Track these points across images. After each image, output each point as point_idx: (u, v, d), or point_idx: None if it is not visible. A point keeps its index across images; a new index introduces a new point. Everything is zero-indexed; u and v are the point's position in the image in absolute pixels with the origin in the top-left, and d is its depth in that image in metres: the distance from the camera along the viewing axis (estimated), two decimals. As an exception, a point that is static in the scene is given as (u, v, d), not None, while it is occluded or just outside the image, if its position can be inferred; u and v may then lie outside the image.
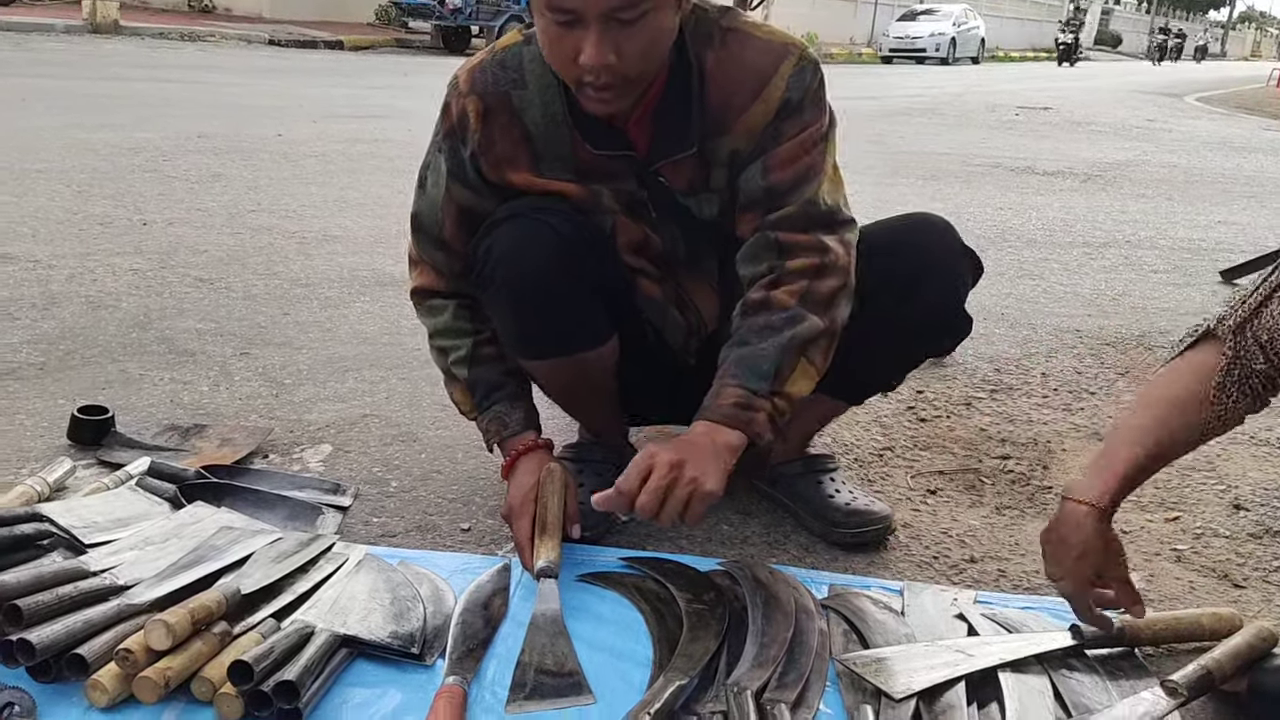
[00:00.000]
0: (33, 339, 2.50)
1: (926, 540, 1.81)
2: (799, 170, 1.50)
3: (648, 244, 1.65)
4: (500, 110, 1.54)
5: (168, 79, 9.24)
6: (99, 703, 1.19)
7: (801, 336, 1.47)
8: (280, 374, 2.40)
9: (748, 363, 1.47)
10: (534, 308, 1.57)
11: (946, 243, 1.66)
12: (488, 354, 1.67)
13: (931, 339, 1.76)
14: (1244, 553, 1.81)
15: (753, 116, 1.50)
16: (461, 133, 1.57)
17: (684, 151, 1.53)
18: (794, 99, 1.49)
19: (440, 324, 1.69)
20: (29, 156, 4.87)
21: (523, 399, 1.70)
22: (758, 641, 1.39)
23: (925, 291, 1.62)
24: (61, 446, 1.92)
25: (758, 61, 1.49)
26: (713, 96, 1.50)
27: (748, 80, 1.49)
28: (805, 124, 1.50)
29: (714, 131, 1.52)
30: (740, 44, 1.50)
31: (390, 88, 10.21)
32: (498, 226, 1.57)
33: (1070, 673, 1.37)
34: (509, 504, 1.62)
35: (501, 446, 1.68)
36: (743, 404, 1.45)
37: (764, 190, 1.52)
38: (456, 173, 1.60)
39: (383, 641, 1.34)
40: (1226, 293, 3.89)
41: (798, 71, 1.49)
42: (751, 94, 1.49)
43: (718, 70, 1.50)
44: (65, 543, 1.47)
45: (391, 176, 5.08)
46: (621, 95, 1.43)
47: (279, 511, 1.69)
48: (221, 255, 3.45)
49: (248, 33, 15.75)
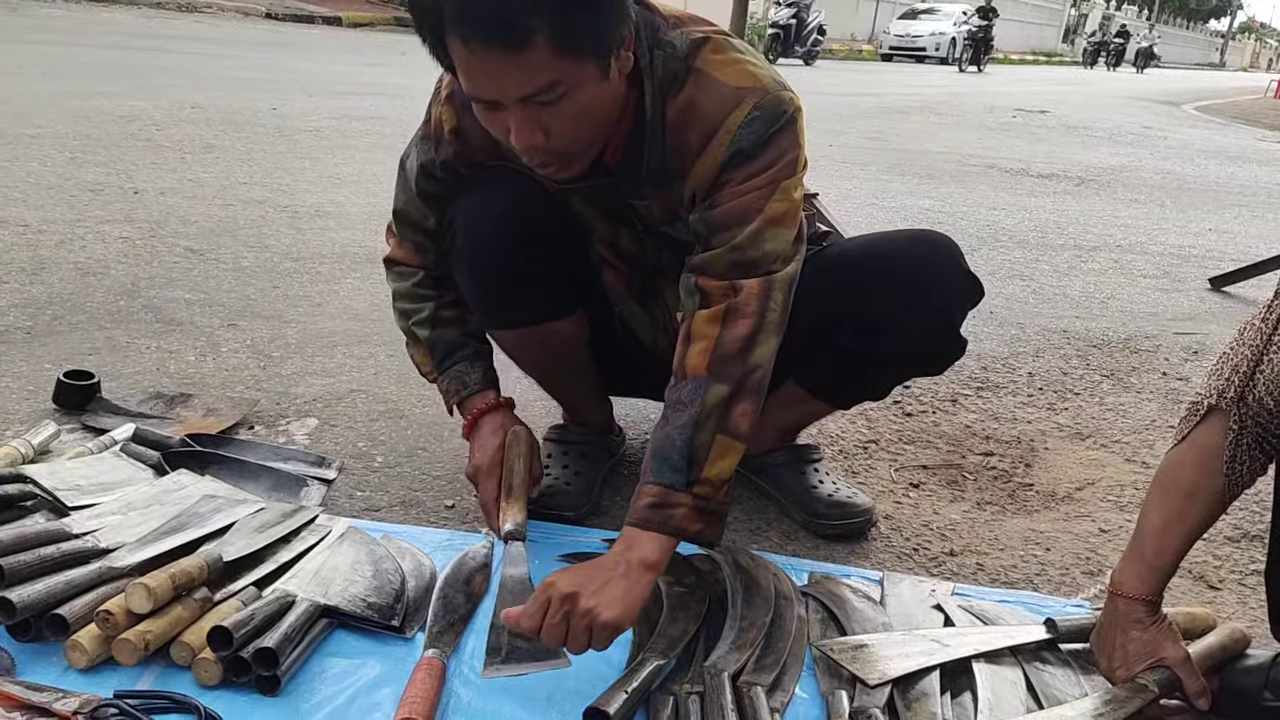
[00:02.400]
0: (20, 303, 2.49)
1: (907, 532, 1.82)
2: (732, 210, 1.41)
3: (617, 241, 1.64)
4: (474, 125, 1.43)
5: (163, 49, 9.18)
6: (78, 663, 1.20)
7: (710, 407, 1.36)
8: (268, 347, 2.40)
9: (661, 454, 1.36)
10: (493, 272, 1.57)
11: (948, 264, 1.61)
12: (448, 316, 1.67)
13: (922, 360, 1.72)
14: (1221, 555, 1.83)
15: (702, 165, 1.42)
16: (436, 140, 1.57)
17: (650, 190, 1.49)
18: (744, 148, 1.40)
19: (403, 289, 1.70)
20: (22, 121, 4.83)
21: (482, 359, 1.70)
22: (736, 625, 1.40)
23: (920, 312, 1.59)
24: (47, 410, 1.91)
25: (710, 111, 1.41)
26: (671, 141, 1.44)
27: (699, 128, 1.41)
28: (754, 171, 1.41)
29: (674, 175, 1.46)
30: (701, 89, 1.42)
31: (387, 65, 10.16)
32: (463, 195, 1.58)
33: (1044, 665, 1.39)
34: (474, 464, 1.62)
35: (461, 407, 1.68)
36: (659, 503, 1.33)
37: (702, 224, 1.44)
38: (427, 169, 1.60)
39: (363, 613, 1.35)
40: (1214, 299, 3.91)
41: (749, 121, 1.39)
42: (700, 143, 1.41)
43: (676, 117, 1.42)
44: (48, 505, 1.47)
45: (386, 154, 5.06)
46: (568, 166, 1.39)
47: (263, 482, 1.69)
48: (212, 226, 3.44)
49: (244, 5, 15.65)
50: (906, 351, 1.66)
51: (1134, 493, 2.05)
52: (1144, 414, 2.54)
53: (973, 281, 1.63)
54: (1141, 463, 2.23)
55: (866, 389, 1.81)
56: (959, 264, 1.61)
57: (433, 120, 1.57)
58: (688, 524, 1.34)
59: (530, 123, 1.29)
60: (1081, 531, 1.88)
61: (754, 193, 1.41)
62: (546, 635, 1.23)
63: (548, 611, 1.23)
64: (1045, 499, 2.04)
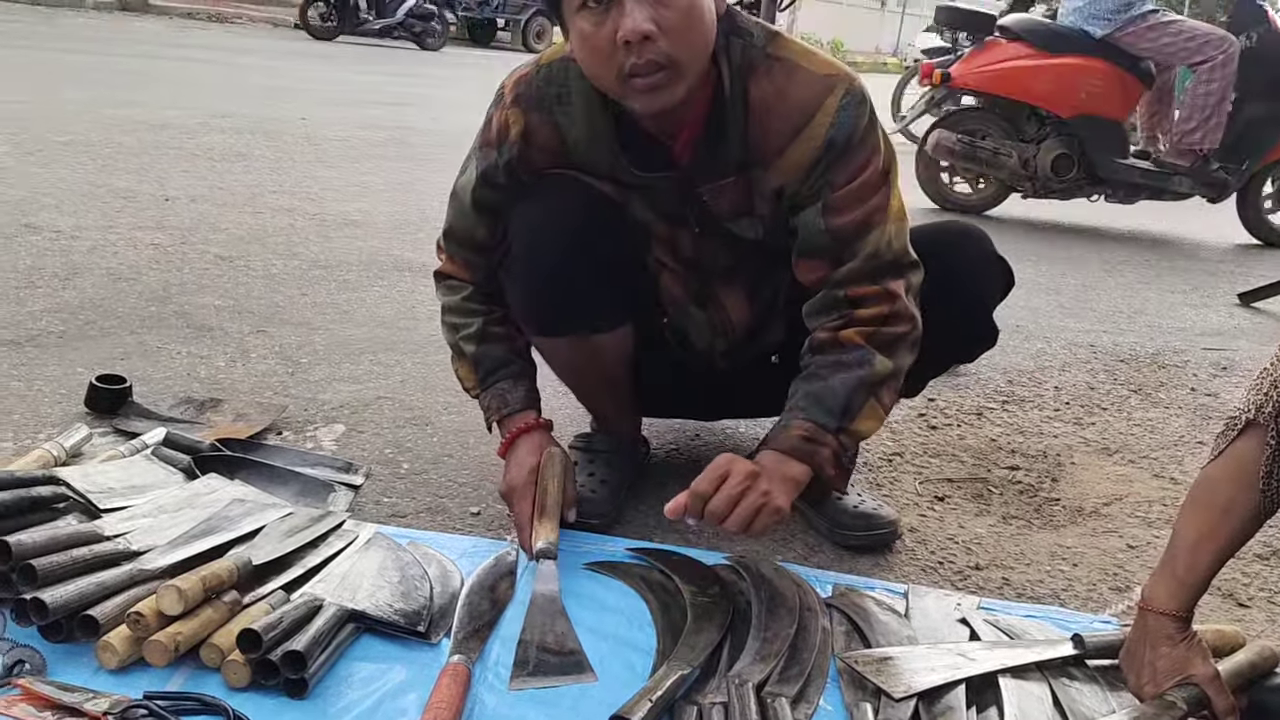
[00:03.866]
0: (53, 308, 2.53)
1: (932, 545, 1.81)
2: (861, 217, 1.48)
3: (677, 245, 1.65)
4: (542, 125, 1.53)
5: (194, 58, 9.29)
6: (109, 664, 1.21)
7: (871, 377, 1.48)
8: (296, 353, 2.42)
9: (817, 398, 1.48)
10: (548, 282, 1.57)
11: (979, 251, 1.66)
12: (496, 333, 1.68)
13: (959, 346, 1.75)
14: (1250, 573, 1.81)
15: (796, 153, 1.46)
16: (500, 144, 1.58)
17: (723, 178, 1.52)
18: (840, 137, 1.45)
19: (453, 302, 1.70)
20: (56, 129, 4.90)
21: (525, 378, 1.70)
22: (760, 636, 1.40)
23: (955, 298, 1.61)
24: (79, 414, 1.94)
25: (801, 95, 1.45)
26: (754, 128, 1.47)
27: (791, 115, 1.45)
28: (861, 165, 1.46)
29: (756, 162, 1.50)
30: (786, 75, 1.46)
31: (414, 76, 10.23)
32: (522, 202, 1.58)
33: (1070, 681, 1.37)
34: (509, 482, 1.63)
35: (500, 424, 1.69)
36: (809, 438, 1.47)
37: (826, 236, 1.49)
38: (489, 178, 1.60)
39: (389, 618, 1.35)
40: (1244, 315, 3.88)
41: (843, 107, 1.45)
42: (794, 129, 1.45)
43: (760, 102, 1.47)
44: (80, 507, 1.48)
45: (413, 164, 5.11)
46: (671, 80, 1.39)
47: (291, 487, 1.70)
48: (242, 234, 3.47)
49: (275, 15, 15.79)
50: (940, 338, 1.63)
51: (1162, 509, 2.03)
52: (1172, 429, 2.52)
53: (1003, 266, 1.67)
54: (1170, 479, 2.21)
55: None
56: (990, 250, 1.66)
57: (495, 125, 1.58)
58: (828, 466, 1.49)
59: (643, 9, 1.33)
60: (1109, 547, 1.87)
61: (873, 195, 1.48)
62: (718, 503, 1.38)
63: (726, 480, 1.38)
64: (1072, 514, 2.03)
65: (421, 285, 3.04)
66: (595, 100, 1.51)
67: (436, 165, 5.00)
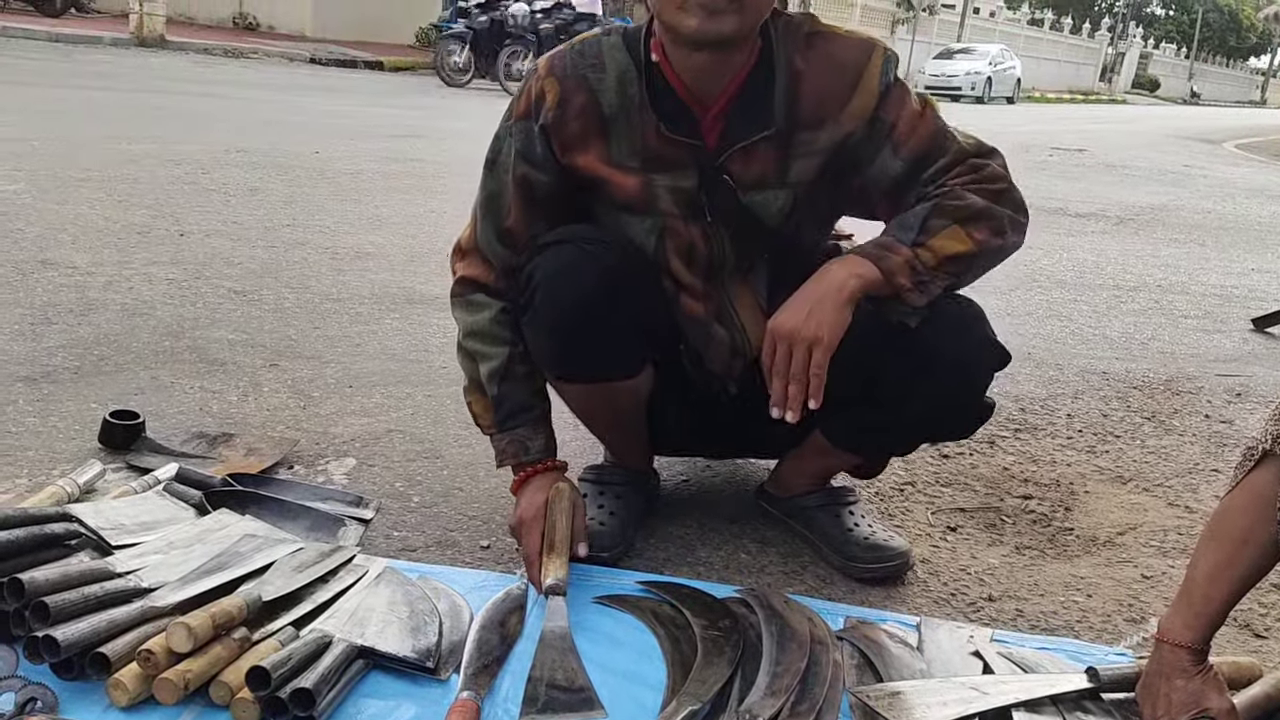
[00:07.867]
0: (68, 344, 2.55)
1: (945, 577, 1.80)
2: (927, 136, 1.56)
3: (695, 252, 1.64)
4: (577, 91, 1.57)
5: (210, 94, 9.40)
6: (119, 702, 1.21)
7: (957, 205, 1.51)
8: (308, 387, 2.43)
9: (897, 222, 1.54)
10: (570, 336, 1.57)
11: (969, 336, 1.59)
12: (520, 371, 1.66)
13: (946, 426, 1.72)
14: (1267, 603, 1.79)
15: (856, 105, 1.55)
16: (536, 111, 1.59)
17: (761, 132, 1.55)
18: (888, 85, 1.56)
19: (478, 324, 1.67)
20: (71, 165, 4.96)
21: (545, 423, 1.70)
22: (771, 670, 1.39)
23: (942, 382, 1.57)
24: (92, 449, 1.95)
25: (850, 55, 1.56)
26: (807, 91, 1.55)
27: (845, 73, 1.55)
28: (910, 104, 1.57)
29: (808, 124, 1.56)
30: (828, 43, 1.58)
31: (427, 109, 10.34)
32: (543, 251, 1.58)
33: (1085, 715, 1.36)
34: (519, 518, 1.63)
35: (515, 467, 1.69)
36: (883, 245, 1.52)
37: (903, 165, 1.56)
38: (525, 152, 1.61)
39: (399, 654, 1.35)
40: (1258, 341, 3.86)
41: (886, 62, 1.56)
42: (850, 85, 1.55)
43: (809, 68, 1.56)
44: (93, 543, 1.49)
45: (426, 196, 5.15)
46: (733, 8, 1.44)
47: (302, 522, 1.71)
48: (255, 268, 3.50)
49: (289, 50, 15.99)
50: (929, 419, 1.66)
51: (1177, 538, 2.02)
52: (1187, 457, 2.50)
53: (998, 352, 1.61)
54: (1185, 507, 2.19)
55: (892, 449, 1.83)
56: (982, 333, 1.60)
57: (531, 93, 1.60)
58: (900, 273, 1.49)
59: None
60: (1123, 577, 1.86)
61: (931, 122, 1.57)
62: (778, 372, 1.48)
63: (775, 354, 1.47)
64: (1086, 544, 2.01)
65: (433, 318, 3.06)
66: (629, 68, 1.56)
67: (448, 197, 5.05)
